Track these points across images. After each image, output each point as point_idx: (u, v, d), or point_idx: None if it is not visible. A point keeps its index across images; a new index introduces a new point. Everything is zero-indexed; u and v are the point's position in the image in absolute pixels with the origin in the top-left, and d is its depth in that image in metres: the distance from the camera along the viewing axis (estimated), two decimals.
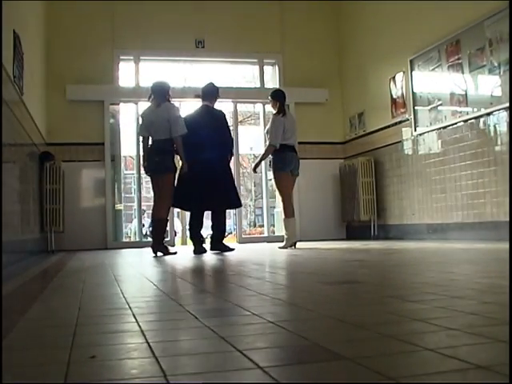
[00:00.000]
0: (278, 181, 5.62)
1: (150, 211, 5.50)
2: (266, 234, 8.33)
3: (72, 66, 7.44)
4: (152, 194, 5.32)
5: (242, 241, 8.01)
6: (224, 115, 5.57)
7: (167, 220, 5.32)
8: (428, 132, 6.19)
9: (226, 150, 5.44)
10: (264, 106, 8.20)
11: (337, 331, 1.22)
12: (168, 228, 6.26)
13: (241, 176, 9.49)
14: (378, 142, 7.31)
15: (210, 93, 5.51)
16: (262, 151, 5.88)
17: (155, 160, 5.02)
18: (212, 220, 5.46)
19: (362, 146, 7.71)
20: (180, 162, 5.22)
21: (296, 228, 5.70)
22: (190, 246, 5.66)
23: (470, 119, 5.44)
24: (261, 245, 7.27)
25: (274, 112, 5.69)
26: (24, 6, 5.26)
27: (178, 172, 5.19)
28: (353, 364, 0.90)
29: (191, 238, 5.45)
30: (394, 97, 6.92)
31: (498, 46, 4.98)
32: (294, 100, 7.85)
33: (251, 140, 11.86)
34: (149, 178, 5.33)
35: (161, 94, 5.14)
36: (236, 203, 5.68)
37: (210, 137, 5.21)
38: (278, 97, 5.70)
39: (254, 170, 6.04)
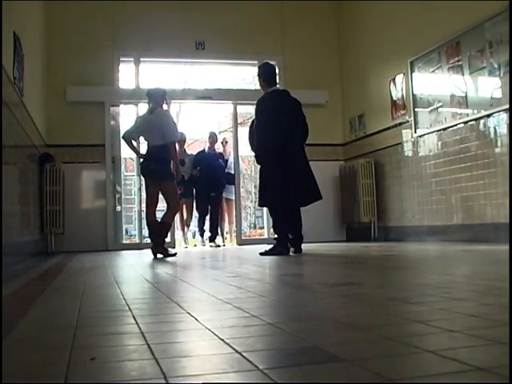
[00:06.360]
0: None
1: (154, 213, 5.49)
2: (265, 236, 8.32)
3: (72, 67, 7.45)
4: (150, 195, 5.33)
5: (241, 242, 8.02)
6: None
7: (171, 224, 5.44)
8: (428, 134, 6.19)
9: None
10: None
11: (336, 333, 1.22)
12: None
13: (241, 178, 9.47)
14: (378, 143, 7.31)
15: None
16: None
17: (150, 168, 5.09)
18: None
19: (363, 147, 7.71)
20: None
21: None
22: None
23: (470, 121, 5.44)
24: (260, 246, 7.26)
25: None
26: (24, 8, 5.26)
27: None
28: (352, 366, 0.90)
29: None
30: (394, 98, 6.93)
31: (498, 48, 4.98)
32: None
33: None
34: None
35: (155, 100, 5.21)
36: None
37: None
38: None
39: None
